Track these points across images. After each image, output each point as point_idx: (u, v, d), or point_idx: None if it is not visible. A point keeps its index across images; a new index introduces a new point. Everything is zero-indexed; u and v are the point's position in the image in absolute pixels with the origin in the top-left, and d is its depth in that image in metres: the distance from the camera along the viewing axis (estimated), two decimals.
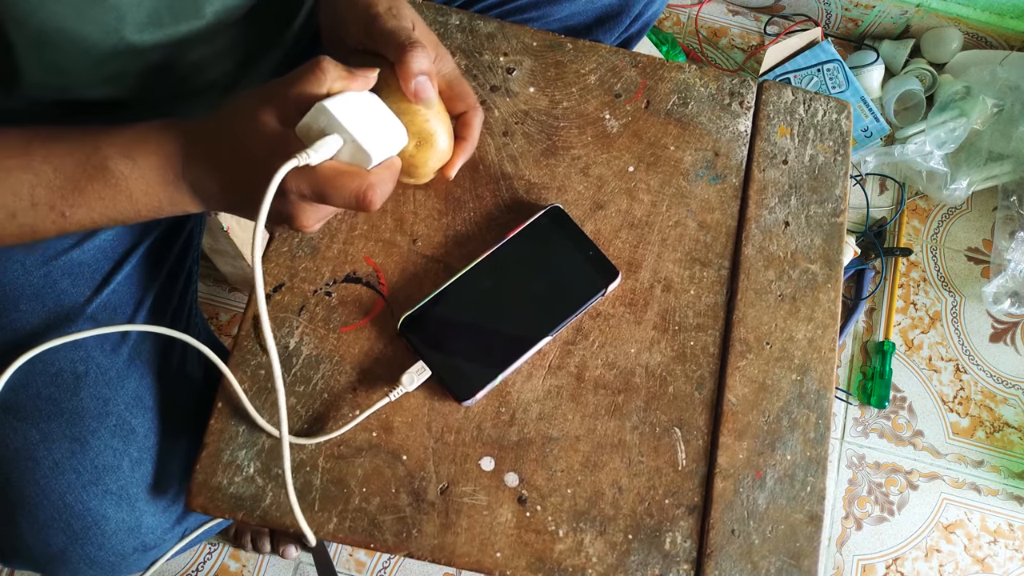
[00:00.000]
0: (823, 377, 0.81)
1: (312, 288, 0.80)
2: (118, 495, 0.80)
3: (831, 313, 0.83)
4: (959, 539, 1.67)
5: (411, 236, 0.83)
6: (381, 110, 0.68)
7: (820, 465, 0.78)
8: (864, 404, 1.73)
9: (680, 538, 0.75)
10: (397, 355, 0.78)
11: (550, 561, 0.74)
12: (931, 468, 1.70)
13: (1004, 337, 1.82)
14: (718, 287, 0.83)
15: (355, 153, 0.64)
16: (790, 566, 0.75)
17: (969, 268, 1.86)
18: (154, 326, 0.83)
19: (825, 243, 0.86)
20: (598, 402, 0.79)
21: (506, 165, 0.86)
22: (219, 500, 0.74)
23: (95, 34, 0.64)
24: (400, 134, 0.68)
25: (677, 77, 0.91)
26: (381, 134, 0.66)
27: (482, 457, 0.76)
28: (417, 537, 0.74)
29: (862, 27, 1.98)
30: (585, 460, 0.77)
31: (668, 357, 0.81)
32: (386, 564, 1.54)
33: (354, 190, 0.62)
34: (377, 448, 0.76)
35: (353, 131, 0.63)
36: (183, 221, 0.96)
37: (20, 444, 0.78)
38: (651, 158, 0.87)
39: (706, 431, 0.79)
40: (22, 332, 0.80)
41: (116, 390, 0.81)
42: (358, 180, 0.63)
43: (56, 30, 0.62)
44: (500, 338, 0.78)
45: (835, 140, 0.90)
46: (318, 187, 0.62)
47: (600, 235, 0.84)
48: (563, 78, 0.90)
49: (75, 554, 0.79)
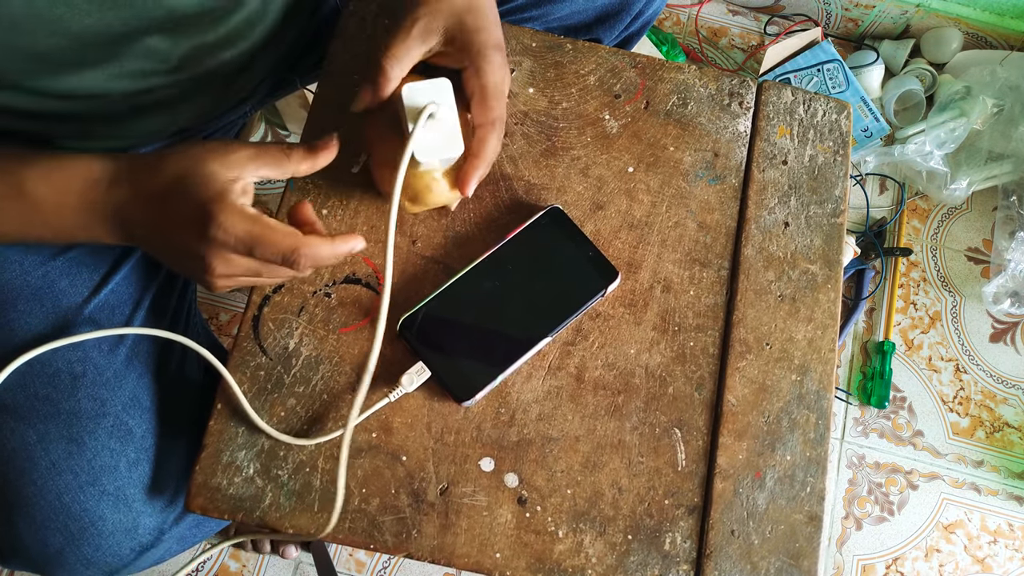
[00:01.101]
0: (823, 378, 0.81)
1: (311, 289, 0.80)
2: (115, 496, 0.80)
3: (831, 314, 0.83)
4: (959, 539, 1.66)
5: (410, 237, 0.83)
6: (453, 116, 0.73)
7: (820, 466, 0.78)
8: (864, 404, 1.73)
9: (680, 538, 0.75)
10: (396, 356, 0.78)
11: (550, 562, 0.74)
12: (931, 468, 1.70)
13: (1004, 337, 1.82)
14: (718, 288, 0.83)
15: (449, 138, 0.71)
16: (790, 566, 0.75)
17: (969, 268, 1.86)
18: (152, 329, 0.83)
19: (825, 244, 0.86)
20: (598, 403, 0.79)
21: (505, 166, 0.86)
22: (219, 501, 0.74)
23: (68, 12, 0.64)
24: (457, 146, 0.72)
25: (677, 78, 0.91)
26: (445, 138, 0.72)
27: (482, 458, 0.76)
28: (417, 538, 0.74)
29: (862, 27, 1.98)
30: (585, 461, 0.77)
31: (668, 358, 0.81)
32: (386, 564, 1.54)
33: (285, 248, 0.64)
34: (377, 449, 0.76)
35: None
36: None
37: (17, 445, 0.78)
38: (651, 159, 0.87)
39: (706, 432, 0.79)
40: (20, 332, 0.80)
41: (113, 391, 0.81)
42: (291, 240, 0.64)
43: (25, 15, 0.62)
44: (500, 339, 0.78)
45: (835, 140, 0.90)
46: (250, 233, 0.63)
47: (600, 236, 0.84)
48: (562, 79, 0.90)
49: (72, 555, 0.79)
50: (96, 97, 0.75)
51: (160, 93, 0.80)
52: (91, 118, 0.79)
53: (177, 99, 0.84)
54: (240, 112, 0.99)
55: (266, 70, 0.93)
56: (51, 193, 0.66)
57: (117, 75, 0.73)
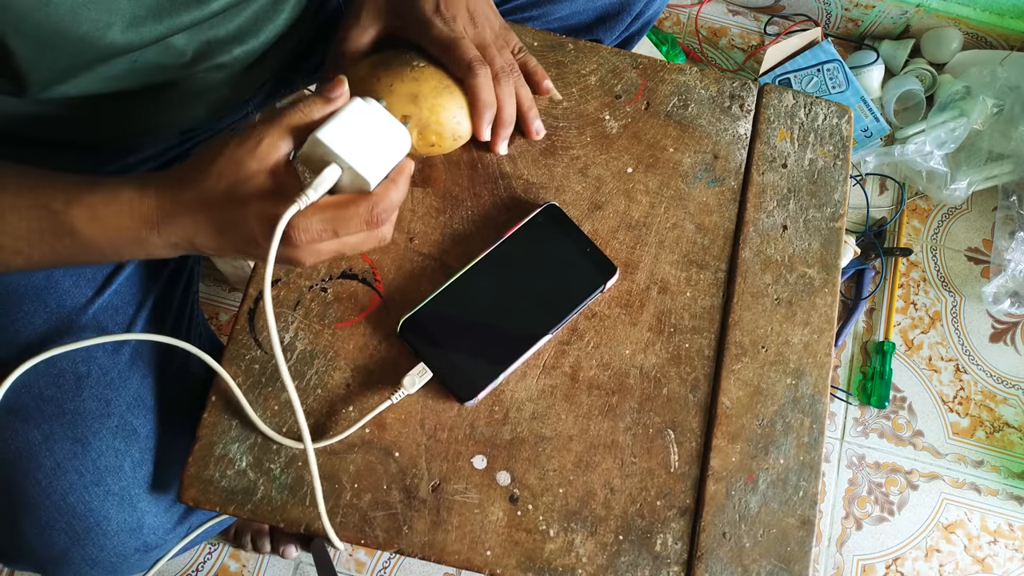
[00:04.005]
0: (818, 382, 0.81)
1: (308, 283, 0.80)
2: (120, 496, 0.80)
3: (827, 318, 0.83)
4: (959, 539, 1.67)
5: (408, 234, 0.83)
6: (380, 120, 0.68)
7: (813, 470, 0.78)
8: (864, 404, 1.73)
9: (671, 540, 0.75)
10: (392, 352, 0.79)
11: (540, 560, 0.74)
12: (931, 468, 1.70)
13: (1004, 337, 1.82)
14: (714, 290, 0.83)
15: (354, 179, 0.65)
16: (781, 570, 0.75)
17: (969, 268, 1.86)
18: (151, 335, 0.83)
19: (823, 248, 0.86)
20: (592, 402, 0.79)
21: (504, 164, 0.86)
22: (211, 493, 0.74)
23: (91, 33, 0.64)
24: (403, 140, 0.69)
25: (677, 79, 0.91)
26: (379, 151, 0.66)
27: (474, 455, 0.77)
28: (408, 534, 0.74)
29: (862, 27, 1.98)
30: (577, 460, 0.77)
31: (663, 359, 0.81)
32: (386, 564, 1.54)
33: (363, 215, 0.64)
34: (370, 444, 0.76)
35: (349, 159, 0.64)
36: None
37: (22, 445, 0.78)
38: (650, 159, 0.87)
39: (699, 433, 0.79)
40: (25, 333, 0.80)
41: (118, 391, 0.82)
42: (363, 204, 0.64)
43: (53, 32, 0.62)
44: (500, 337, 0.78)
45: (835, 144, 0.90)
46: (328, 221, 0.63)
47: (597, 235, 0.84)
48: (563, 78, 0.90)
49: (77, 555, 0.80)
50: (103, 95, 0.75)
51: (172, 89, 0.81)
52: (100, 115, 0.79)
53: (189, 95, 0.84)
54: (242, 112, 0.99)
55: (273, 68, 0.93)
56: (103, 231, 0.66)
57: (131, 70, 0.74)
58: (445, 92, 0.76)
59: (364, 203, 0.64)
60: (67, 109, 0.76)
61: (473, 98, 0.78)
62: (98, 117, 0.80)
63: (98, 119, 0.80)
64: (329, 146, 0.63)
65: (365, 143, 0.65)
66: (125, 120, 0.83)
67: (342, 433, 0.75)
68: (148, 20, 0.68)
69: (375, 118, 0.68)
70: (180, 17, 0.71)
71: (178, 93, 0.82)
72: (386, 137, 0.67)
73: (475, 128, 0.80)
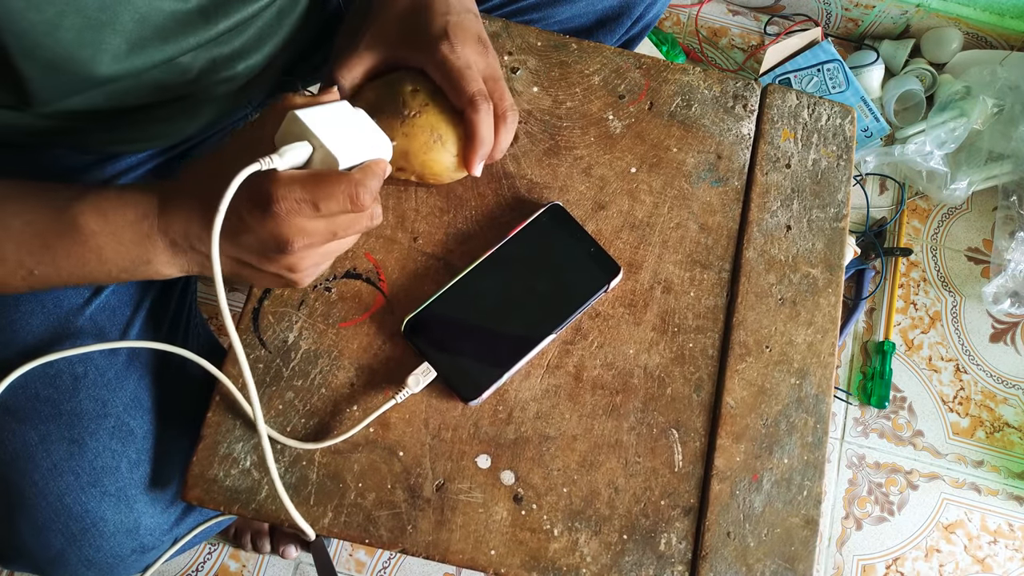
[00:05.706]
0: (822, 382, 0.81)
1: (312, 283, 0.80)
2: (116, 496, 0.80)
3: (831, 318, 0.83)
4: (959, 539, 1.67)
5: (412, 233, 0.83)
6: (363, 121, 0.68)
7: (817, 469, 0.78)
8: (864, 404, 1.73)
9: (675, 539, 0.75)
10: (396, 352, 0.79)
11: (544, 560, 0.74)
12: (931, 468, 1.70)
13: (1004, 337, 1.82)
14: (718, 290, 0.83)
15: (325, 158, 0.63)
16: (785, 569, 0.75)
17: (969, 268, 1.86)
18: (147, 342, 0.83)
19: (826, 248, 0.86)
20: (596, 402, 0.79)
21: (508, 164, 0.86)
22: (215, 492, 0.74)
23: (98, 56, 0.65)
24: (383, 144, 0.68)
25: (681, 79, 0.91)
26: (355, 141, 0.65)
27: (479, 455, 0.77)
28: (412, 533, 0.74)
29: (862, 27, 1.98)
30: (582, 460, 0.77)
31: (667, 359, 0.81)
32: (386, 564, 1.54)
33: (344, 187, 0.61)
34: (374, 444, 0.76)
35: (322, 136, 0.62)
36: None
37: (19, 446, 0.78)
38: (653, 159, 0.87)
39: (703, 433, 0.79)
40: (22, 334, 0.80)
41: (114, 391, 0.81)
42: (344, 178, 0.62)
43: (63, 56, 0.63)
44: (504, 337, 0.78)
45: (838, 145, 0.90)
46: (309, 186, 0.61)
47: (601, 235, 0.84)
48: (567, 78, 0.90)
49: (74, 556, 0.79)
50: (108, 109, 0.75)
51: (175, 101, 0.81)
52: (101, 125, 0.79)
53: (192, 106, 0.84)
54: (242, 113, 0.99)
55: (274, 76, 0.93)
56: (106, 226, 0.66)
57: (136, 86, 0.74)
58: (436, 146, 0.74)
59: (345, 178, 0.62)
60: (69, 120, 0.76)
61: (471, 133, 0.74)
62: (99, 127, 0.80)
63: (99, 129, 0.80)
64: (305, 122, 0.62)
65: (343, 131, 0.64)
66: (126, 129, 0.83)
67: (346, 432, 0.75)
68: (155, 42, 0.68)
69: (359, 119, 0.67)
70: (187, 39, 0.72)
71: (181, 105, 0.83)
72: (366, 135, 0.67)
73: (467, 163, 0.76)
